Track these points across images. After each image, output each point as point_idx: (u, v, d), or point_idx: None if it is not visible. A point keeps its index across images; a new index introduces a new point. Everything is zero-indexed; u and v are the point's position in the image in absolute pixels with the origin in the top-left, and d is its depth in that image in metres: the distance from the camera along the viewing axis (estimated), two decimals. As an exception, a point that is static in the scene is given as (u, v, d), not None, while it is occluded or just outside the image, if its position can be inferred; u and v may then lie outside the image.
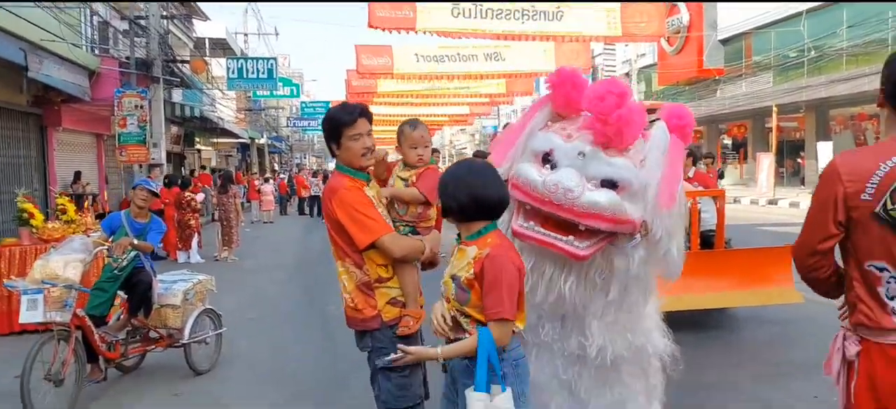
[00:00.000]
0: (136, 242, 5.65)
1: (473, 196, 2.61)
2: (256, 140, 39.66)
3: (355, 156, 3.16)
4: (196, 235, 13.48)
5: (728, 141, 34.22)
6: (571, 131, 3.00)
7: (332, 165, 3.55)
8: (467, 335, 2.58)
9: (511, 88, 25.21)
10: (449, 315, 2.63)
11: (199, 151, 30.38)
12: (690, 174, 8.62)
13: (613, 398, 3.22)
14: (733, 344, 6.53)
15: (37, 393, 4.85)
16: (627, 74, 33.26)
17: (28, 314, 4.87)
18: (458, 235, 2.78)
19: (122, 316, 5.81)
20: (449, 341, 2.67)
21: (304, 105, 40.94)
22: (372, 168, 3.31)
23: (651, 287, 3.26)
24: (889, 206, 2.14)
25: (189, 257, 13.30)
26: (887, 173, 2.14)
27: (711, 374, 5.58)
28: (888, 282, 2.18)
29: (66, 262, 5.12)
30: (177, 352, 6.03)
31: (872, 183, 2.14)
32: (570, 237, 2.85)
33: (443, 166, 10.74)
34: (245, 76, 23.59)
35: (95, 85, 16.60)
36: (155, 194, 6.01)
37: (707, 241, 7.31)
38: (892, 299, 2.18)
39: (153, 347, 6.02)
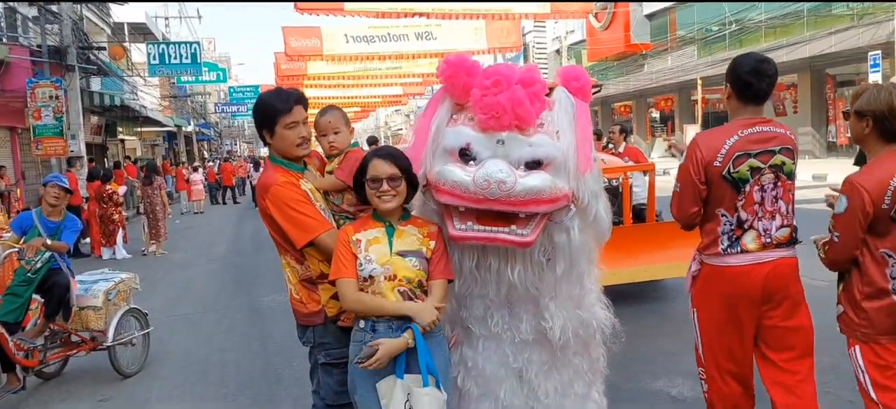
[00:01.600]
0: (49, 242, 5.32)
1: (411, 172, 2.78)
2: (183, 128, 38.38)
3: (290, 146, 3.01)
4: (121, 229, 12.92)
5: (656, 114, 35.09)
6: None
7: (265, 152, 3.38)
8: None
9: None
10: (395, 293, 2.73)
11: (122, 141, 29.21)
12: (621, 149, 8.75)
13: (562, 380, 3.19)
14: (666, 315, 6.66)
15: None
16: (557, 51, 33.61)
17: (-69, 325, 4.53)
18: (380, 219, 2.81)
19: (38, 321, 5.47)
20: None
21: (232, 90, 39.77)
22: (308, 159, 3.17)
23: (593, 255, 3.23)
24: (732, 170, 3.04)
25: (114, 254, 12.75)
26: (730, 147, 3.03)
27: (647, 345, 5.67)
28: (724, 222, 3.10)
29: (-27, 267, 4.79)
30: (102, 356, 5.75)
31: (721, 153, 3.03)
32: (513, 227, 2.77)
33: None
34: (167, 62, 22.75)
35: (5, 76, 15.74)
36: (67, 191, 5.67)
37: (639, 215, 7.42)
38: (723, 234, 3.11)
39: (75, 351, 5.72)
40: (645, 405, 4.58)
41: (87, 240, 13.81)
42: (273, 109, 3.00)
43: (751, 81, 3.08)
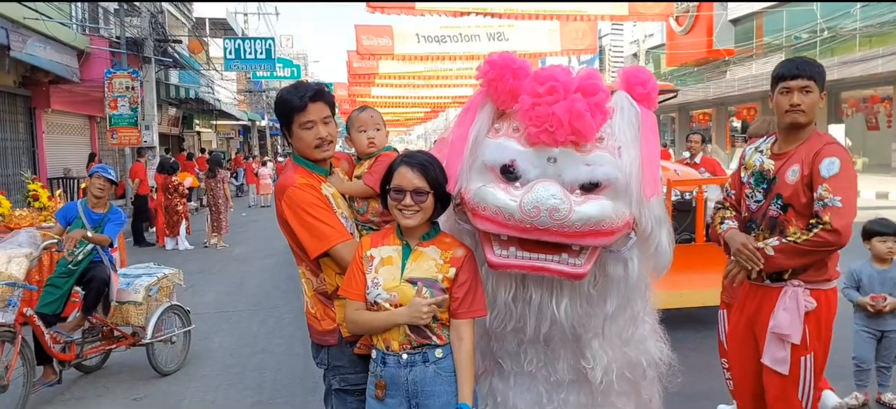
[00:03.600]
0: (90, 234, 5.21)
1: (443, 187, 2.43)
2: (257, 123, 39.18)
3: (308, 147, 2.68)
4: (184, 221, 13.05)
5: (737, 124, 33.58)
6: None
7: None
8: (434, 339, 2.40)
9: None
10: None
11: (198, 133, 29.99)
12: (698, 160, 8.14)
13: None
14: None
15: (-26, 402, 4.46)
16: (635, 55, 32.59)
17: (-34, 314, 4.45)
18: (401, 235, 2.47)
19: (77, 315, 5.38)
20: (414, 347, 2.39)
21: (306, 87, 40.36)
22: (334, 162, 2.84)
23: (649, 292, 2.80)
24: None
25: (177, 244, 12.89)
26: None
27: (713, 379, 5.11)
28: None
29: (10, 257, 4.69)
30: (142, 352, 5.62)
31: None
32: (564, 255, 2.35)
33: None
34: (243, 57, 23.19)
35: (85, 65, 16.19)
36: (113, 182, 5.56)
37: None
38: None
39: (115, 346, 5.61)
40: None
41: (154, 229, 14.06)
42: (287, 105, 2.67)
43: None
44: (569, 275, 2.35)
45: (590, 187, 2.32)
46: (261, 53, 23.68)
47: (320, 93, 2.71)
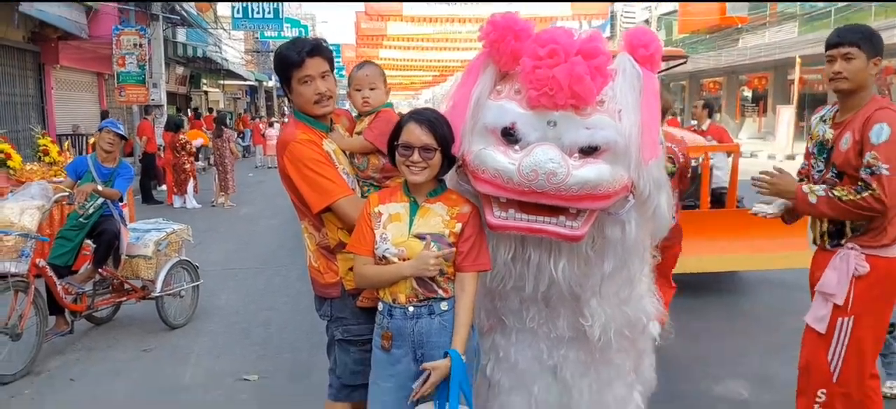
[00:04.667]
0: (100, 188, 5.28)
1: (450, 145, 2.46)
2: (264, 83, 39.08)
3: (307, 103, 2.71)
4: (191, 179, 13.12)
5: (748, 93, 33.31)
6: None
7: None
8: (440, 293, 2.46)
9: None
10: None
11: (206, 93, 29.96)
12: (705, 127, 8.12)
13: (599, 378, 2.84)
14: (738, 311, 6.13)
15: (-11, 349, 4.58)
16: (646, 22, 32.23)
17: (-21, 264, 4.55)
18: (408, 192, 2.52)
19: (88, 267, 5.47)
20: (420, 299, 2.46)
21: (314, 48, 40.13)
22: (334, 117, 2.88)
23: (647, 253, 2.85)
24: None
25: (185, 203, 12.98)
26: None
27: (713, 344, 5.20)
28: None
29: (22, 209, 4.78)
30: (152, 305, 5.73)
31: None
32: (561, 217, 2.38)
33: None
34: (250, 16, 23.05)
35: (94, 22, 16.17)
36: (122, 137, 5.61)
37: (718, 200, 6.85)
38: None
39: (125, 299, 5.72)
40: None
41: (163, 188, 14.15)
42: (285, 61, 2.69)
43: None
44: (566, 237, 2.39)
45: (589, 151, 2.34)
46: (268, 13, 23.56)
47: (318, 47, 2.73)
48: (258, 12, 22.98)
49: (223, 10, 26.21)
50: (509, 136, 2.40)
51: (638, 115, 2.39)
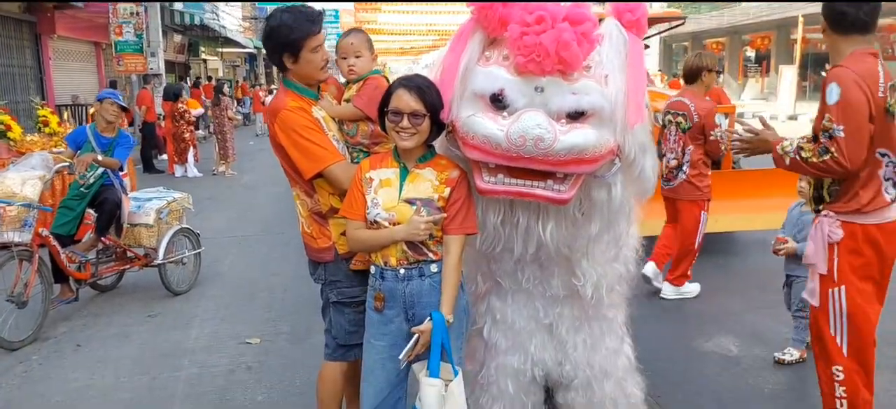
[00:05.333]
0: (100, 157, 5.34)
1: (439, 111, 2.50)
2: (263, 50, 38.79)
3: (316, 70, 2.78)
4: (192, 148, 13.16)
5: (751, 53, 33.09)
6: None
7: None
8: (430, 255, 2.53)
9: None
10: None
11: (204, 61, 29.81)
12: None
13: (592, 333, 2.94)
14: (732, 271, 6.21)
15: (-2, 315, 4.68)
16: (647, -18, 31.86)
17: (-17, 234, 4.63)
18: (398, 158, 2.58)
19: (90, 236, 5.56)
20: (410, 262, 2.53)
21: (313, 14, 39.79)
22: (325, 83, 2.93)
23: (633, 214, 2.91)
24: (890, 101, 2.76)
25: (186, 171, 13.04)
26: (884, 75, 2.75)
27: (706, 303, 5.30)
28: (886, 165, 2.82)
29: (24, 179, 4.85)
30: (155, 272, 5.82)
31: (881, 83, 2.74)
32: (549, 181, 2.44)
33: None
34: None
35: (90, -11, 16.04)
36: (124, 108, 5.65)
37: (715, 161, 6.88)
38: (887, 179, 2.82)
39: (128, 267, 5.81)
40: (692, 366, 4.24)
41: (164, 157, 14.19)
42: (301, 29, 2.70)
43: (846, 11, 2.80)
44: (553, 200, 2.45)
45: (576, 116, 2.38)
46: (265, -21, 23.31)
47: (321, 17, 2.79)
48: (255, -22, 22.75)
49: (220, -24, 25.97)
50: (498, 101, 2.44)
51: (624, 79, 2.44)
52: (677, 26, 9.37)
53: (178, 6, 21.40)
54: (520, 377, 2.92)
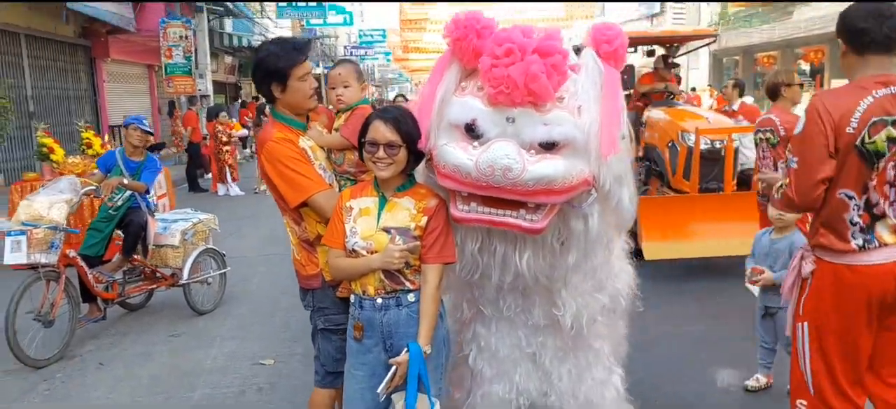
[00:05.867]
0: (126, 181, 5.51)
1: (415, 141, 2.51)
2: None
3: (304, 98, 2.84)
4: (228, 167, 13.42)
5: (805, 67, 32.15)
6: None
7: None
8: (407, 285, 2.54)
9: (571, 12, 24.20)
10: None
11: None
12: (735, 106, 7.95)
13: (578, 363, 2.90)
14: (728, 294, 5.98)
15: (25, 334, 4.84)
16: (694, -4, 31.32)
17: (11, 256, 4.82)
18: (378, 187, 2.59)
19: (119, 256, 5.73)
20: (388, 291, 2.54)
21: (361, 33, 40.51)
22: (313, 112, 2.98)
23: (613, 244, 2.87)
24: (866, 139, 2.46)
25: (228, 190, 13.34)
26: (866, 109, 2.45)
27: (728, 325, 5.13)
28: (852, 208, 2.53)
29: (51, 203, 5.03)
30: (182, 291, 5.97)
31: (855, 117, 2.45)
32: (521, 211, 2.43)
33: None
34: (294, 4, 23.33)
35: (141, 15, 16.69)
36: (148, 133, 5.83)
37: (746, 181, 6.71)
38: (853, 223, 2.54)
39: (155, 286, 5.97)
40: (689, 396, 4.10)
41: (209, 176, 14.55)
42: (288, 58, 2.78)
43: (866, 27, 2.50)
44: (526, 230, 2.44)
45: (548, 146, 2.38)
46: (313, 0, 23.82)
47: (309, 45, 2.87)
48: (302, 0, 23.27)
49: (269, -1, 26.64)
50: (471, 131, 2.46)
51: (598, 111, 2.41)
52: (708, 44, 9.20)
53: (227, 28, 22.02)
54: (505, 407, 2.89)
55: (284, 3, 23.37)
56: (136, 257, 5.73)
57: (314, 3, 23.79)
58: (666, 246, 6.15)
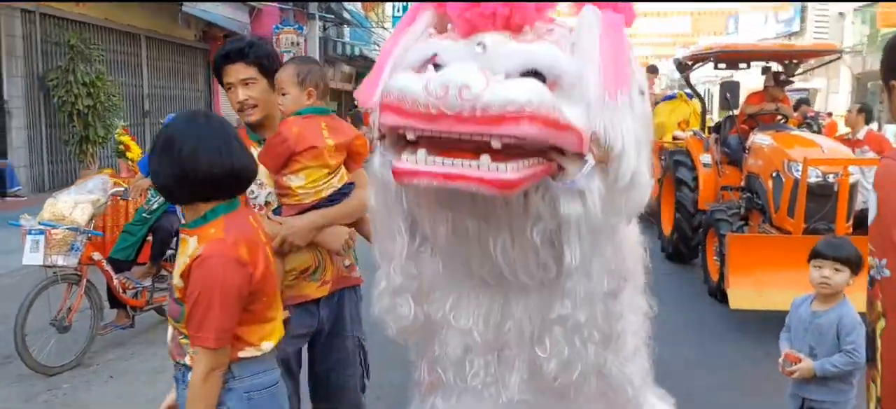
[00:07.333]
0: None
1: (179, 171, 1.89)
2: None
3: (234, 109, 2.57)
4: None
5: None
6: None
7: None
8: (186, 360, 2.02)
9: (699, 27, 22.88)
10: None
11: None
12: (861, 135, 6.74)
13: None
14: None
15: (37, 340, 4.68)
16: (841, 14, 28.53)
17: (29, 256, 4.65)
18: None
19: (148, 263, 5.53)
20: (175, 361, 2.10)
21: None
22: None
23: (626, 244, 2.10)
24: None
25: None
26: None
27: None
28: None
29: (76, 203, 4.86)
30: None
31: None
32: (484, 158, 1.68)
33: None
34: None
35: (256, 21, 17.16)
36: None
37: (862, 222, 5.58)
38: None
39: (186, 295, 5.72)
40: None
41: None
42: (216, 65, 2.61)
43: None
44: (490, 183, 1.67)
45: (527, 76, 1.72)
46: (429, 10, 23.73)
47: (239, 52, 2.50)
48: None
49: (388, 8, 26.90)
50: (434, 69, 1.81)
51: (596, 49, 1.75)
52: (832, 61, 7.92)
53: (345, 36, 22.37)
54: None
55: (399, 15, 23.41)
56: (165, 263, 5.50)
57: (430, 13, 23.69)
58: (757, 295, 5.20)
